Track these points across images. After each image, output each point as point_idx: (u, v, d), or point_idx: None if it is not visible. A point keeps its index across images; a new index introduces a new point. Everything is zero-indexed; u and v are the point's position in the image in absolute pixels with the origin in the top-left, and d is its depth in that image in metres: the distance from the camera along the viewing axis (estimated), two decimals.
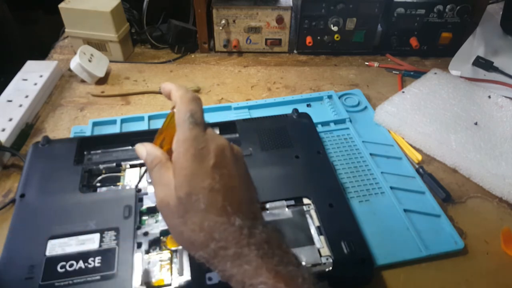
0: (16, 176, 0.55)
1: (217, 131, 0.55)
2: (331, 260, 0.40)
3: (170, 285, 0.38)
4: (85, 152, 0.52)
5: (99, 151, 0.53)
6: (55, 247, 0.40)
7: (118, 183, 0.49)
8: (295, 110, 0.57)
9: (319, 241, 0.42)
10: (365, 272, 0.41)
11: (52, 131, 0.62)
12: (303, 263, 0.39)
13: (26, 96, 0.64)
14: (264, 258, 0.29)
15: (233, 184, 0.32)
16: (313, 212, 0.45)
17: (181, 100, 0.33)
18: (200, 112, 0.33)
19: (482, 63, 0.75)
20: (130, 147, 0.53)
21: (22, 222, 0.43)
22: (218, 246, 0.30)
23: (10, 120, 0.60)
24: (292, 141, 0.53)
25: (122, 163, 0.50)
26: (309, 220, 0.44)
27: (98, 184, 0.49)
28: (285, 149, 0.52)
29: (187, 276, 0.39)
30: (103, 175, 0.50)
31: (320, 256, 0.40)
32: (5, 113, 0.61)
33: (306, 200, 0.46)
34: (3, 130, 0.58)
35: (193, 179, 0.31)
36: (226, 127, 0.55)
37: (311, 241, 0.42)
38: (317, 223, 0.43)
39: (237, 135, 0.54)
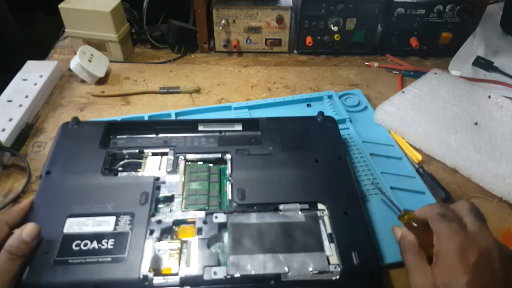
0: (16, 176, 0.55)
1: (240, 127, 0.55)
2: (339, 269, 0.39)
3: (177, 274, 0.39)
4: (111, 136, 0.53)
5: (124, 137, 0.54)
6: (73, 225, 0.42)
7: (138, 170, 0.49)
8: (321, 113, 0.56)
9: (329, 249, 0.41)
10: (372, 286, 0.40)
11: (52, 131, 0.62)
12: (310, 269, 0.39)
13: (26, 96, 0.64)
14: None
15: (494, 286, 0.32)
16: (326, 219, 0.44)
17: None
18: (476, 210, 0.38)
19: (482, 63, 0.75)
20: (154, 135, 0.54)
21: (45, 198, 0.44)
22: None
23: (10, 120, 0.60)
24: (314, 145, 0.52)
25: (145, 150, 0.51)
26: (322, 226, 0.43)
27: (120, 169, 0.50)
28: (305, 152, 0.51)
29: (194, 267, 0.39)
30: (126, 160, 0.51)
31: (329, 264, 0.39)
32: (5, 113, 0.61)
33: (320, 206, 0.45)
34: (3, 130, 0.58)
35: (453, 272, 0.33)
36: (248, 124, 0.55)
37: (321, 248, 0.41)
38: (329, 230, 0.42)
39: (259, 133, 0.54)
